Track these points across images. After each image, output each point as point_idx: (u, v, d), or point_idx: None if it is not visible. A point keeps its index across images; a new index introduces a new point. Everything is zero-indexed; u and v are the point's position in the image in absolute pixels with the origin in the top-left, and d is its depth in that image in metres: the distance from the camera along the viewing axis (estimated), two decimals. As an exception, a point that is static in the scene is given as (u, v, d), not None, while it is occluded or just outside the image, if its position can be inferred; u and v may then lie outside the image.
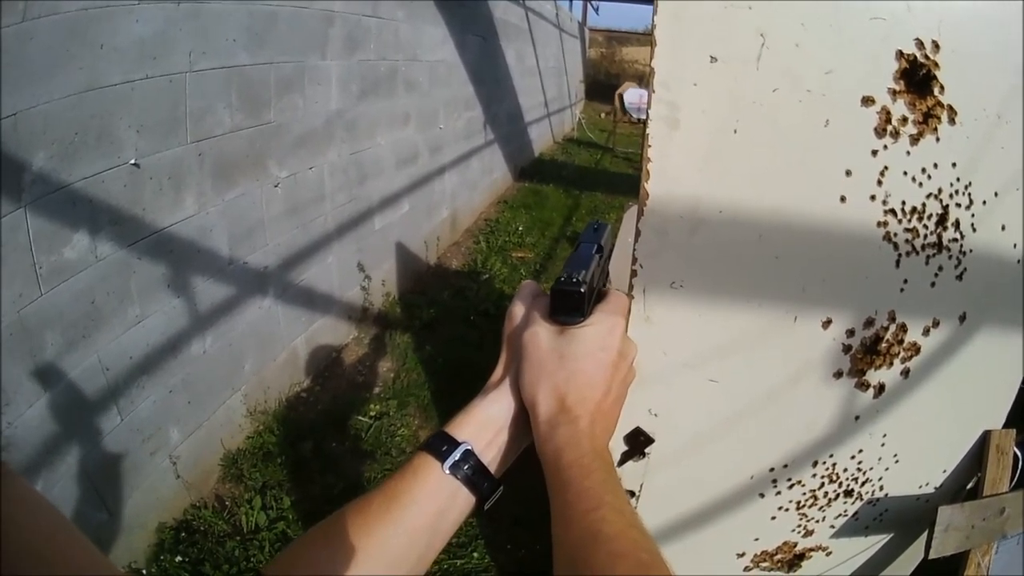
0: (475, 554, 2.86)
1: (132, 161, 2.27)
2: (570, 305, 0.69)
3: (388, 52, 4.44)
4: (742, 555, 1.65)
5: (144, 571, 2.49)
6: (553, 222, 7.64)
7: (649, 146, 1.08)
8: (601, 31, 23.77)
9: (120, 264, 2.30)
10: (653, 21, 1.05)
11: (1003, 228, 1.37)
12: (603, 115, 17.08)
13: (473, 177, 7.10)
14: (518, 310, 0.75)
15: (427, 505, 0.63)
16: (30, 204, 1.89)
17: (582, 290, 0.68)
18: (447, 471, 0.64)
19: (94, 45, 2.03)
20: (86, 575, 0.44)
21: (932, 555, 1.57)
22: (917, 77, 1.18)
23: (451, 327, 4.78)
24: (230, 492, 3.02)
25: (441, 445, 0.65)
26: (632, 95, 11.64)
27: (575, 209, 8.32)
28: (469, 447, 0.65)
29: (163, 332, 2.57)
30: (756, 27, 1.10)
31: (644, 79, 16.35)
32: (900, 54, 1.16)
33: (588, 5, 18.25)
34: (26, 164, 1.87)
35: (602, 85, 19.68)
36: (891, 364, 1.41)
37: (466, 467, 0.64)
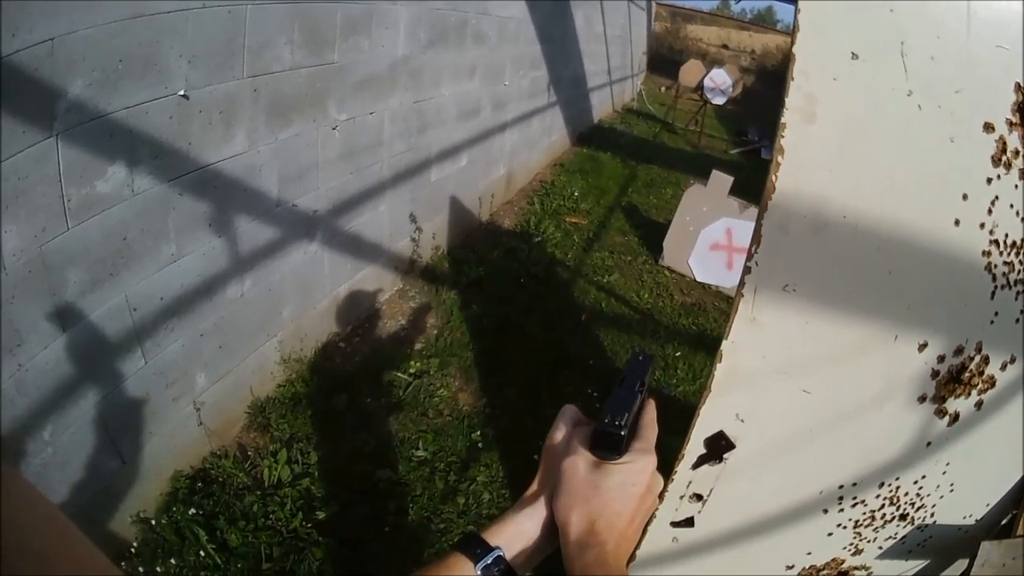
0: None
1: (181, 92, 2.15)
2: (610, 445, 0.75)
3: (460, 2, 4.29)
4: (791, 567, 1.66)
5: (153, 521, 2.43)
6: (609, 190, 7.52)
7: (782, 136, 1.09)
8: (667, 6, 23.60)
9: (158, 200, 2.20)
10: (797, 5, 1.06)
11: (1086, 276, 1.35)
12: (663, 89, 17.03)
13: (533, 137, 6.96)
14: (559, 433, 0.81)
15: None
16: (62, 133, 1.78)
17: (623, 433, 0.74)
18: (479, 572, 0.69)
19: (146, -35, 1.90)
20: (86, 575, 0.45)
21: None
22: (1032, 109, 1.20)
23: (500, 287, 4.69)
24: (254, 442, 2.97)
25: (476, 548, 0.71)
26: (719, 75, 11.26)
27: (631, 180, 8.20)
28: (501, 553, 0.71)
29: (199, 273, 2.48)
30: (897, 30, 1.11)
31: (707, 57, 16.32)
32: (1018, 87, 1.18)
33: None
34: (61, 91, 1.75)
35: (664, 59, 19.69)
36: (969, 394, 1.42)
37: (496, 570, 0.70)
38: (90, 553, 0.46)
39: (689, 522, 1.54)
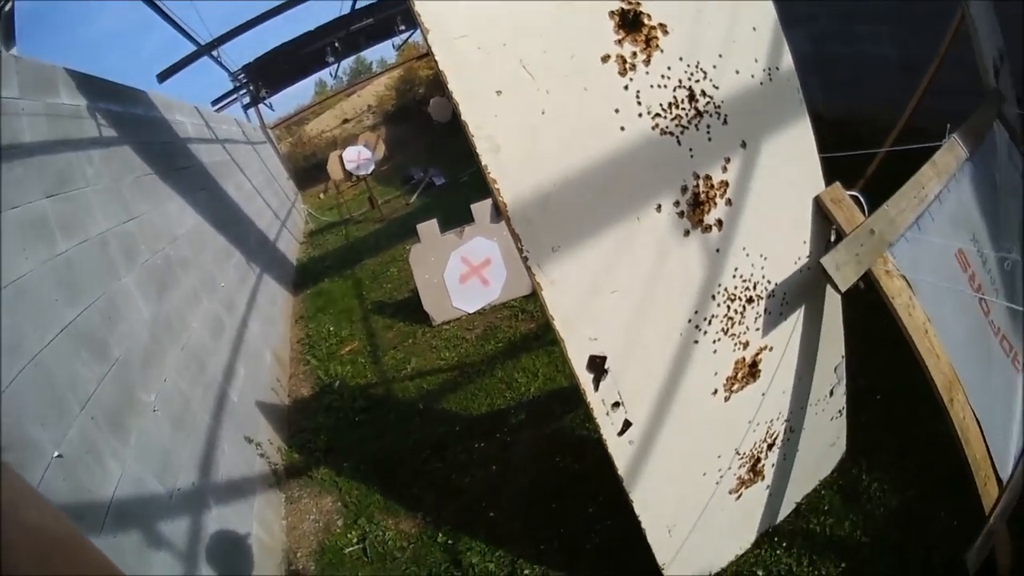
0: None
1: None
2: None
3: (153, 242, 4.43)
4: (715, 392, 2.00)
5: None
6: (351, 307, 7.88)
7: (488, 172, 1.50)
8: (280, 124, 23.18)
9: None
10: (448, 87, 1.42)
11: (737, 72, 1.80)
12: (321, 195, 17.56)
13: (266, 311, 7.08)
14: None
15: None
16: None
17: None
18: None
19: None
20: (87, 574, 0.46)
21: (843, 289, 1.79)
22: (630, 19, 1.60)
23: (346, 437, 4.98)
24: None
25: None
26: (350, 153, 11.86)
27: (360, 284, 8.60)
28: None
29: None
30: (515, 55, 1.48)
31: (339, 142, 16.57)
32: (612, 13, 1.58)
33: (259, 108, 17.86)
34: None
35: (305, 170, 20.30)
36: (715, 203, 1.81)
37: None
38: (92, 553, 0.47)
39: (627, 424, 1.83)
